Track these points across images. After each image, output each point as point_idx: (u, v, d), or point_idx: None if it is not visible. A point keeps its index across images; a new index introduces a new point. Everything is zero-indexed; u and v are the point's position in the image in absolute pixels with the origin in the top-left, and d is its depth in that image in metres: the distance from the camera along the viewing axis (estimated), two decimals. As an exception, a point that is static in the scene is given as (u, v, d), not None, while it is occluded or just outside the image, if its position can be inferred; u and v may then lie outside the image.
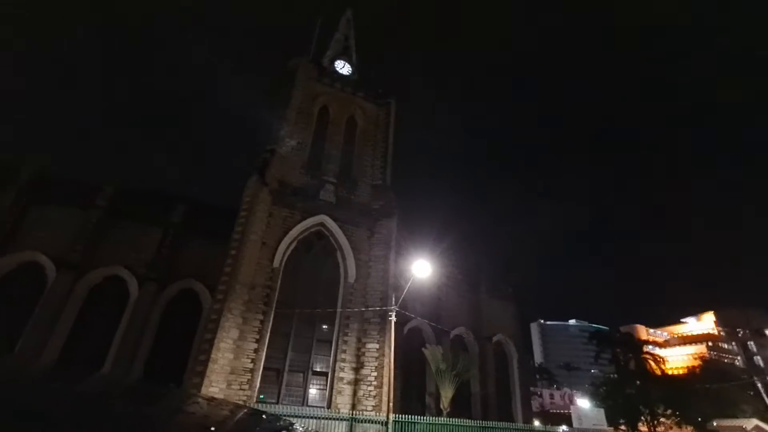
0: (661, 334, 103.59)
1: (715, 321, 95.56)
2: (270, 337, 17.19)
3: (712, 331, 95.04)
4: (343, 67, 28.36)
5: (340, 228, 20.60)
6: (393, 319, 16.53)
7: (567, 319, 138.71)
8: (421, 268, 15.63)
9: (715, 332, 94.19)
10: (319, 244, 20.41)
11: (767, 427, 31.28)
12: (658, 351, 63.73)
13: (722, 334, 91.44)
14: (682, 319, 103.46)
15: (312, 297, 19.06)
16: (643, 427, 35.35)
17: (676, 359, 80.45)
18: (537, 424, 33.28)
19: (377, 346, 18.13)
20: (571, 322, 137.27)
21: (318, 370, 17.83)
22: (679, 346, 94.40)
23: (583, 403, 41.33)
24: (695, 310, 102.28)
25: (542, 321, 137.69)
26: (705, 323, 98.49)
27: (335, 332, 18.52)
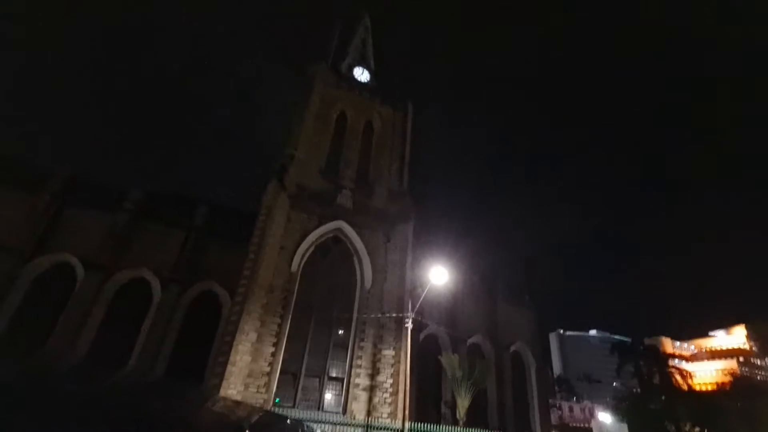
0: (688, 348, 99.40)
1: (746, 335, 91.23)
2: (287, 341, 17.39)
3: (743, 346, 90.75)
4: (361, 74, 28.69)
5: (357, 233, 20.73)
6: (409, 326, 16.47)
7: (587, 329, 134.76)
8: (438, 275, 15.51)
9: (747, 347, 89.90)
10: (335, 249, 20.58)
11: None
12: (685, 365, 61.16)
13: (754, 350, 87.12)
14: (710, 332, 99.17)
15: (328, 301, 19.21)
16: (669, 445, 33.89)
17: (705, 374, 77.08)
18: (556, 437, 32.35)
19: (393, 353, 18.09)
20: (592, 332, 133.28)
21: (334, 375, 17.89)
22: (707, 361, 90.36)
23: (605, 418, 40.02)
24: (724, 323, 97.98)
25: (561, 331, 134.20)
26: (735, 337, 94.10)
27: (351, 337, 18.57)
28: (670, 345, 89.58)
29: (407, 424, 15.43)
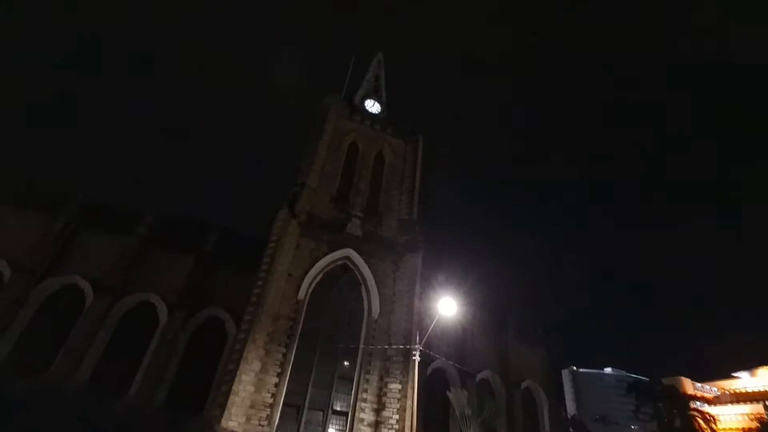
0: (710, 390, 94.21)
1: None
2: (291, 371, 17.01)
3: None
4: (372, 106, 29.56)
5: (365, 261, 20.65)
6: (417, 359, 16.00)
7: (602, 367, 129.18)
8: (447, 306, 15.18)
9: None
10: (344, 277, 20.46)
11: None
12: (708, 408, 57.83)
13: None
14: (734, 374, 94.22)
15: (335, 331, 18.89)
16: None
17: (729, 419, 72.46)
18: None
19: (400, 387, 17.52)
20: (607, 370, 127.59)
21: (338, 409, 17.32)
22: (731, 404, 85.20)
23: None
24: (748, 364, 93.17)
25: (575, 368, 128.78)
26: (761, 379, 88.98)
27: (357, 369, 18.10)
28: (690, 386, 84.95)
29: (413, 466, 14.71)
